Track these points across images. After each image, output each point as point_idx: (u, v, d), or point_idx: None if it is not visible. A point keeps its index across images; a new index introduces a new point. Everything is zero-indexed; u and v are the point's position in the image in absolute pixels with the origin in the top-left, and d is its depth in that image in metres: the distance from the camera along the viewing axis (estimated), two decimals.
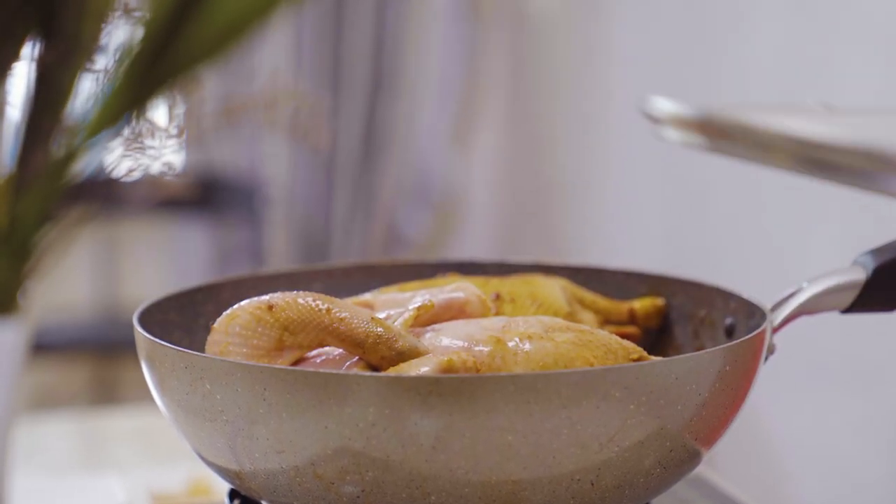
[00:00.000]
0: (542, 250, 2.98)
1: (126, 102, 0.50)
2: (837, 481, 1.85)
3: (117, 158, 0.54)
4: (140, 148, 0.54)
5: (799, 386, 1.90)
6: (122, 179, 0.56)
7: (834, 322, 1.21)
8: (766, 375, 0.88)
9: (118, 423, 1.57)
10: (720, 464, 1.94)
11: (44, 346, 2.98)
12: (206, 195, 3.16)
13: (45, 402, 3.05)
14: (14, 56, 0.50)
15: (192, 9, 0.49)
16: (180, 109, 0.59)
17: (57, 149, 0.50)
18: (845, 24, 1.87)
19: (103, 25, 0.50)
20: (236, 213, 3.20)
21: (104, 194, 0.53)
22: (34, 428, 1.50)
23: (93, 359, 3.24)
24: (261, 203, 3.21)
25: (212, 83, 2.90)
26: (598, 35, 2.80)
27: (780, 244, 2.02)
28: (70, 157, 0.50)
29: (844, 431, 1.83)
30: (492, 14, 3.29)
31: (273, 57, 3.17)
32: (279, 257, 3.25)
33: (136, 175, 0.56)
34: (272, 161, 3.24)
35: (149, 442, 1.47)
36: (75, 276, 3.22)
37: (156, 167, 0.58)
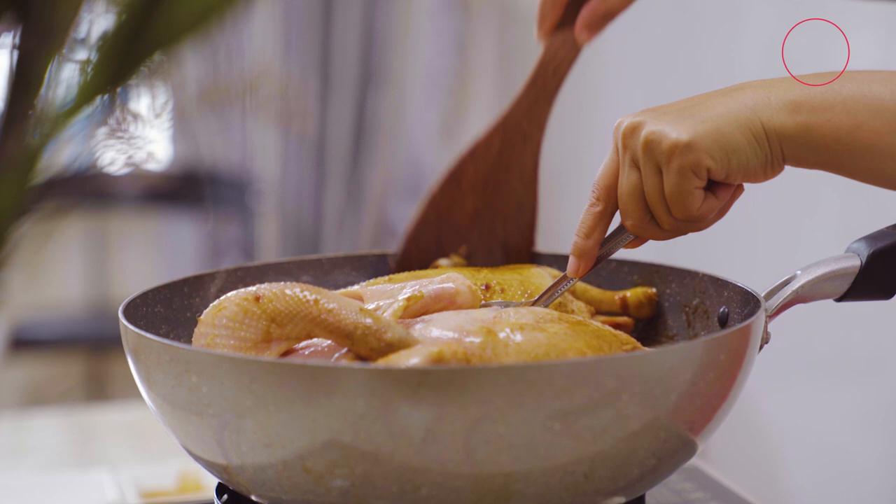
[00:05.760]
0: None
1: (102, 83, 0.48)
2: (832, 471, 1.84)
3: (98, 148, 0.52)
4: (121, 136, 0.52)
5: (793, 376, 1.90)
6: (105, 170, 0.54)
7: (828, 312, 1.20)
8: (761, 365, 0.86)
9: (108, 419, 1.56)
10: (714, 454, 1.93)
11: (34, 342, 2.97)
12: (196, 189, 3.15)
13: (35, 398, 3.04)
14: None
15: None
16: (160, 93, 0.57)
17: (32, 137, 0.48)
18: (836, 24, 1.86)
19: (79, 9, 0.48)
20: (227, 208, 3.19)
21: (86, 186, 0.51)
22: (24, 424, 1.48)
23: (84, 354, 3.22)
24: (252, 197, 3.20)
25: (196, 68, 2.88)
26: None
27: (772, 232, 2.01)
28: (44, 144, 0.48)
29: (839, 421, 1.82)
30: (480, 7, 3.27)
31: (260, 47, 3.16)
32: (270, 252, 3.24)
33: (119, 165, 0.54)
34: (262, 155, 3.23)
35: (139, 438, 1.45)
36: (66, 272, 3.21)
37: (139, 156, 0.56)
